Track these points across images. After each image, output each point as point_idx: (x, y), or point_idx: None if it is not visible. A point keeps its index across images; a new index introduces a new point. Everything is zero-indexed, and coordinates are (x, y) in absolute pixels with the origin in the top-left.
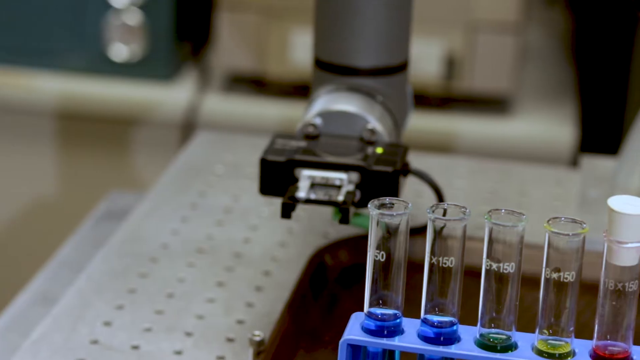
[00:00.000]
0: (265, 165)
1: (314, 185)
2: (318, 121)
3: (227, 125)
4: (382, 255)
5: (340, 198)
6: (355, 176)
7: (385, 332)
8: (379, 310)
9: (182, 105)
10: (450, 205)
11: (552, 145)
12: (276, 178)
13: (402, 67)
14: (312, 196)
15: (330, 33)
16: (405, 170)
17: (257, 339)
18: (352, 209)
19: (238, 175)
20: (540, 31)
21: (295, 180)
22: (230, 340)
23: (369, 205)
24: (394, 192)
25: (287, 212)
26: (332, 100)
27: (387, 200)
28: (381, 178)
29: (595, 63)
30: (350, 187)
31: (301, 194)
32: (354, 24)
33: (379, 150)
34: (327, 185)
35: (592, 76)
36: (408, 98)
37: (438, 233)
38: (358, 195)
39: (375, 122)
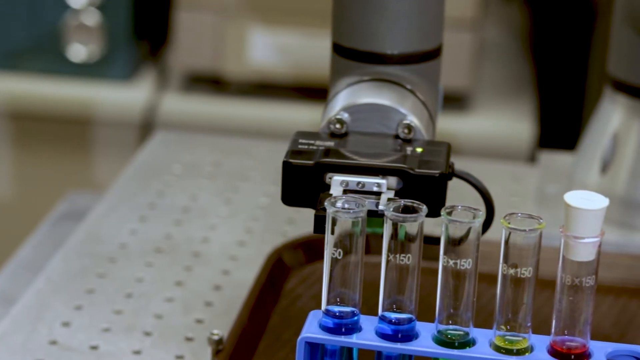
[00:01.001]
0: (290, 170)
1: (346, 192)
2: (345, 116)
3: (186, 124)
4: (340, 253)
5: (382, 207)
6: (394, 181)
7: (343, 329)
8: (336, 308)
9: (141, 105)
10: (407, 202)
11: (510, 141)
12: (302, 184)
13: (435, 54)
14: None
15: (354, 14)
16: (451, 173)
17: (216, 338)
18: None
19: (196, 175)
20: (498, 27)
21: (323, 187)
22: (189, 339)
23: (325, 203)
24: (441, 198)
25: (321, 225)
26: (359, 92)
27: (343, 197)
28: (427, 183)
29: (553, 59)
30: (390, 194)
31: (337, 203)
32: (381, 3)
33: (419, 149)
34: (362, 191)
35: (550, 72)
36: (439, 89)
37: (394, 230)
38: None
39: (412, 116)
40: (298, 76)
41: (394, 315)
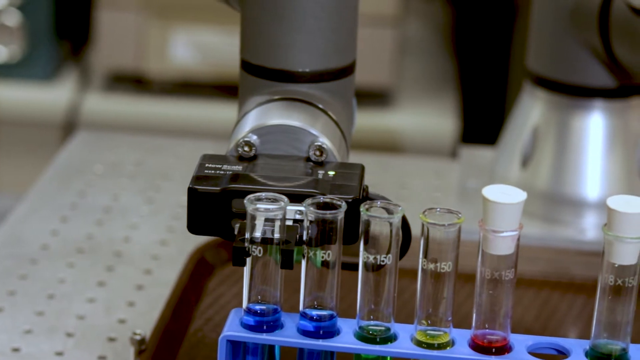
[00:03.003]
0: (195, 197)
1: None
2: (254, 139)
3: (108, 124)
4: (260, 250)
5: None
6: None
7: (265, 327)
8: (257, 306)
9: (63, 105)
10: (326, 198)
11: (433, 137)
12: (209, 212)
13: (348, 71)
14: (276, 235)
15: (262, 31)
16: (365, 197)
17: (138, 337)
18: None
19: (117, 175)
20: (420, 24)
21: (231, 214)
22: (111, 339)
23: (244, 201)
24: (355, 222)
25: (240, 258)
26: (268, 113)
27: (263, 195)
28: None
29: (475, 55)
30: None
31: (257, 233)
32: (291, 20)
33: (332, 172)
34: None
35: (472, 68)
36: (353, 106)
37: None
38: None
39: (324, 137)
40: (220, 74)
41: (315, 312)
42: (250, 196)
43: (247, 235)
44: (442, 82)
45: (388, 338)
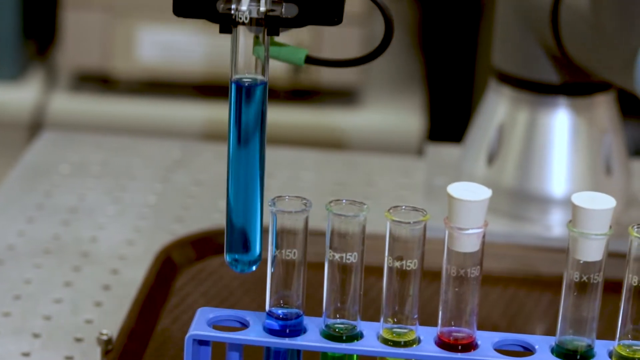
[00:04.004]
0: None
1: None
2: None
3: (75, 124)
4: (246, 17)
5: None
6: None
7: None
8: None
9: (29, 105)
10: (292, 197)
11: (401, 135)
12: None
13: None
14: (262, 8)
15: None
16: None
17: (105, 338)
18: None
19: (83, 175)
20: None
21: None
22: (78, 340)
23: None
24: (340, 5)
25: (227, 26)
26: None
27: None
28: None
29: (441, 53)
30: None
31: (243, 6)
32: None
33: None
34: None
35: (439, 66)
36: None
37: (280, 225)
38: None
39: None
40: (185, 74)
41: (281, 311)
42: None
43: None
44: (409, 80)
45: (354, 336)
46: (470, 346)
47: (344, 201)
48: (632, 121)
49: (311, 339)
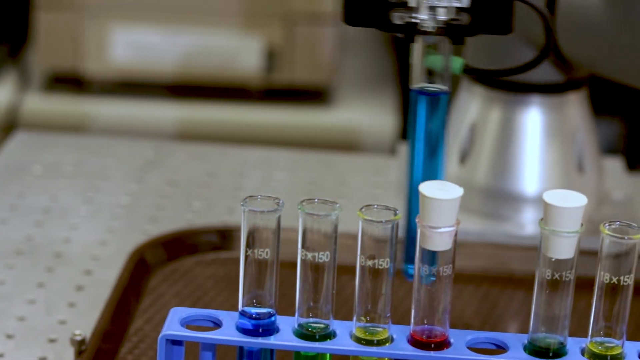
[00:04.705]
0: None
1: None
2: None
3: (48, 124)
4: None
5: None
6: None
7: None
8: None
9: (2, 106)
10: (265, 197)
11: (374, 134)
12: (367, 2)
13: None
14: (442, 17)
15: None
16: None
17: (78, 338)
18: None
19: (56, 175)
20: None
21: (390, 5)
22: (52, 340)
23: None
24: (509, 14)
25: (410, 37)
26: None
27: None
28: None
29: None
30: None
31: (424, 15)
32: None
33: None
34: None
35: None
36: None
37: (252, 225)
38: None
39: None
40: (158, 74)
41: (254, 310)
42: None
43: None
44: (382, 79)
45: (327, 335)
46: (443, 344)
47: (316, 200)
48: (604, 119)
49: (284, 338)
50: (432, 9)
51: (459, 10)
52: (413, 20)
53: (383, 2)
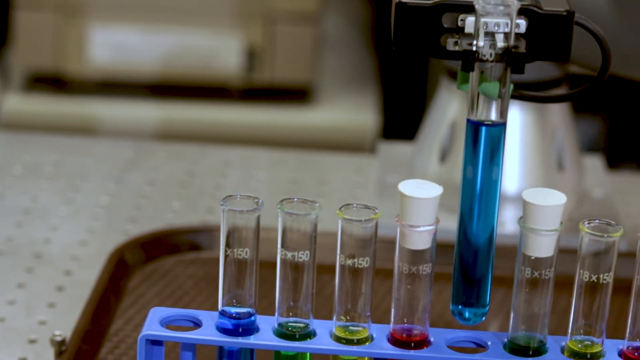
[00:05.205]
0: (404, 12)
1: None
2: None
3: (28, 125)
4: (491, 54)
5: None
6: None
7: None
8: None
9: None
10: (244, 196)
11: (355, 133)
12: (418, 28)
13: None
14: (501, 44)
15: None
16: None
17: (58, 339)
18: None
19: (37, 176)
20: (340, 20)
21: (443, 30)
22: (32, 341)
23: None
24: (568, 39)
25: (469, 64)
26: None
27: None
28: (554, 22)
29: (395, 51)
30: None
31: (481, 42)
32: None
33: None
34: (492, 32)
35: (392, 64)
36: None
37: (232, 224)
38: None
39: None
40: (138, 73)
41: (234, 310)
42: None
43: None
44: (362, 78)
45: (307, 335)
46: (423, 343)
47: (295, 200)
48: (584, 117)
49: (264, 338)
50: (490, 34)
51: (518, 35)
52: (469, 48)
53: (436, 27)
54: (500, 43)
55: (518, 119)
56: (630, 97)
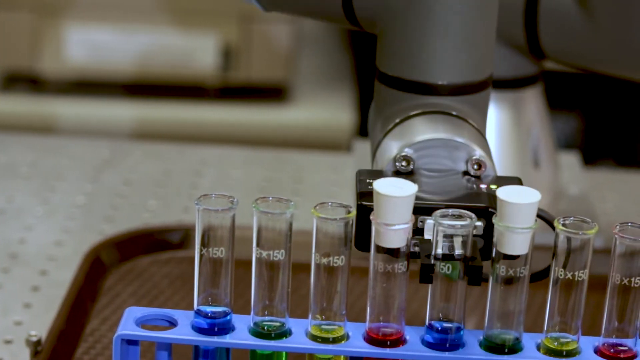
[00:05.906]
0: (366, 214)
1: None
2: (411, 153)
3: (3, 125)
4: (448, 267)
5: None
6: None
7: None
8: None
9: None
10: (219, 195)
11: (331, 131)
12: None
13: (486, 84)
14: (457, 252)
15: (405, 45)
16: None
17: (34, 339)
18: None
19: (12, 176)
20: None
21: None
22: (8, 342)
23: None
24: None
25: (427, 275)
26: (419, 126)
27: (449, 211)
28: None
29: (371, 49)
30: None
31: (439, 250)
32: (435, 34)
33: (494, 186)
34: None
35: (368, 62)
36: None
37: (207, 224)
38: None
39: (480, 151)
40: (114, 73)
41: (209, 309)
42: (437, 213)
43: (433, 252)
44: (339, 77)
45: (283, 333)
46: (399, 341)
47: (270, 198)
48: (560, 114)
49: (240, 337)
50: (449, 237)
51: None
52: (428, 261)
53: None
54: (458, 250)
55: (493, 116)
56: (607, 93)
